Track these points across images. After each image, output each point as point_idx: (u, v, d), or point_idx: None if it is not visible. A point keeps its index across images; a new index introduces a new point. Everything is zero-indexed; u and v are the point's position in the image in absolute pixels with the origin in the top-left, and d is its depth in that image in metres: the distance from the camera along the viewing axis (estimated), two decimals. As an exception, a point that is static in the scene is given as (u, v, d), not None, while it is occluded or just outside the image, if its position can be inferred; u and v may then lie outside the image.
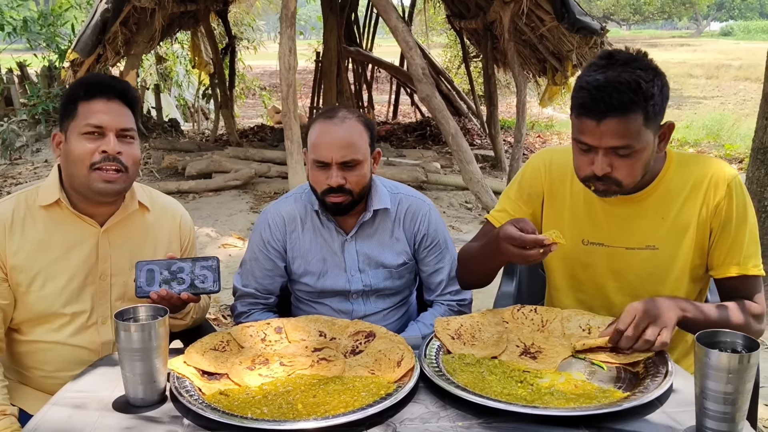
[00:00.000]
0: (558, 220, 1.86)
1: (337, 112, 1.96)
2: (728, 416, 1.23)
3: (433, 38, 15.78)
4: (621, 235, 1.78)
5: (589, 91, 1.56)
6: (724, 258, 1.74)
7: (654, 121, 1.59)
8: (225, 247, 5.35)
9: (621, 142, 1.57)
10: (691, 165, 1.76)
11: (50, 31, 10.24)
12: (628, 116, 1.55)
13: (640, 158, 1.62)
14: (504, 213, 1.93)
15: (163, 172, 7.85)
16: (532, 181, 1.90)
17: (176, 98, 13.33)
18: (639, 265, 1.78)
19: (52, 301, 1.75)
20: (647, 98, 1.55)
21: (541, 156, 1.92)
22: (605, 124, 1.56)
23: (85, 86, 1.75)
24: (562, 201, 1.86)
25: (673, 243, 1.75)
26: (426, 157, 8.36)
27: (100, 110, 1.72)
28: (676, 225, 1.74)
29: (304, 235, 2.06)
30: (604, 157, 1.61)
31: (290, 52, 5.22)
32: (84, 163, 1.70)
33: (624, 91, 1.53)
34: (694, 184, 1.73)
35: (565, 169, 1.84)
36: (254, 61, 14.71)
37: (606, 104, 1.54)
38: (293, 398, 1.40)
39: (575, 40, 6.66)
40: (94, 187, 1.71)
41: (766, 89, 3.69)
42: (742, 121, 11.52)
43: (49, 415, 1.36)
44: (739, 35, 39.31)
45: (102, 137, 1.71)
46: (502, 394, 1.40)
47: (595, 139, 1.59)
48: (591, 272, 1.83)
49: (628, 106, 1.54)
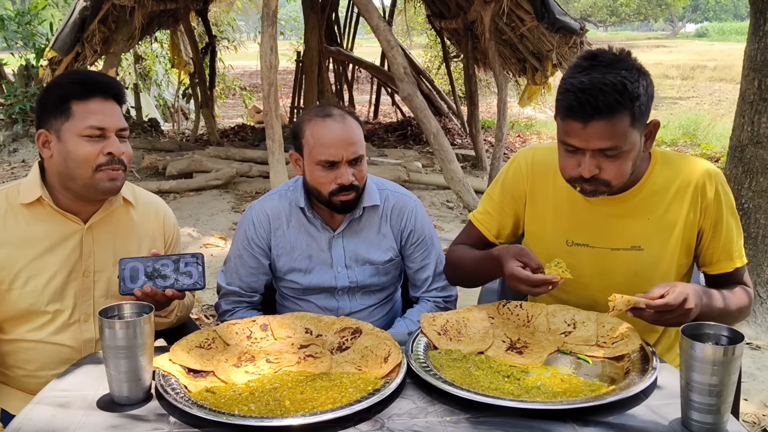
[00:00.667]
0: (541, 220, 1.86)
1: (332, 110, 1.95)
2: (713, 408, 1.24)
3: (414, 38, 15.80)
4: (606, 236, 1.79)
5: (575, 94, 1.55)
6: (719, 255, 1.77)
7: (640, 121, 1.60)
8: (207, 247, 5.32)
9: (608, 144, 1.57)
10: (676, 165, 1.77)
11: (27, 30, 10.10)
12: (614, 118, 1.54)
13: (627, 159, 1.62)
14: (487, 215, 1.94)
15: (143, 172, 7.78)
16: (514, 181, 1.90)
17: (155, 98, 13.22)
18: (625, 266, 1.78)
19: (34, 298, 1.73)
20: (633, 99, 1.55)
21: (524, 155, 1.92)
22: (592, 126, 1.55)
23: (80, 85, 1.70)
24: (545, 201, 1.86)
25: (659, 243, 1.76)
26: (407, 156, 8.37)
27: (99, 111, 1.69)
28: (662, 225, 1.75)
29: (289, 232, 2.05)
30: (591, 159, 1.60)
31: (271, 51, 5.19)
32: (89, 165, 1.68)
33: (610, 93, 1.52)
34: (681, 185, 1.75)
35: (548, 168, 1.84)
36: (235, 61, 14.62)
37: (592, 107, 1.53)
38: (280, 395, 1.39)
39: (555, 39, 6.70)
40: (100, 187, 1.70)
41: (743, 89, 3.74)
42: (717, 121, 11.67)
43: (32, 414, 1.34)
44: (713, 37, 39.81)
45: (104, 139, 1.70)
46: (489, 389, 1.41)
47: (581, 142, 1.59)
48: (576, 273, 1.82)
49: (615, 108, 1.53)
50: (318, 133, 1.91)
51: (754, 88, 3.63)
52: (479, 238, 1.96)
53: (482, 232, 1.95)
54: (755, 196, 3.65)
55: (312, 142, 1.92)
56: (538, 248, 1.87)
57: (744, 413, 2.90)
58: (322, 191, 1.93)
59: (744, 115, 3.70)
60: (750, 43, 3.67)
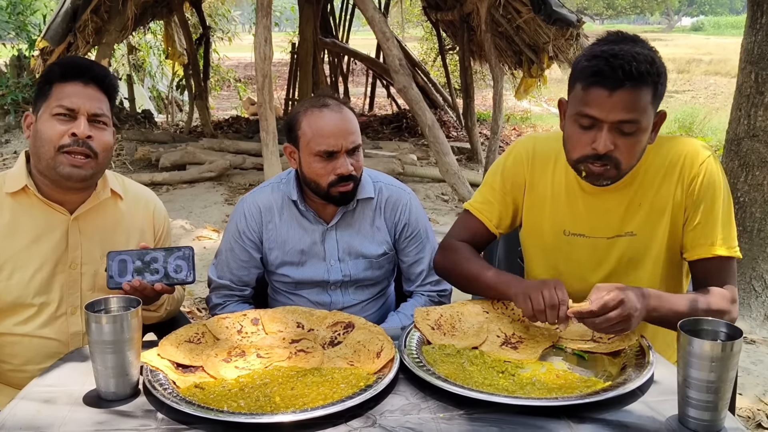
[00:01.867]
0: (539, 209, 1.84)
1: (327, 100, 1.92)
2: (711, 405, 1.22)
3: (409, 31, 15.74)
4: (600, 225, 1.77)
5: (606, 59, 1.52)
6: (698, 239, 1.69)
7: (658, 101, 1.58)
8: (200, 240, 5.28)
9: (630, 116, 1.54)
10: (666, 147, 1.74)
11: (19, 20, 10.03)
12: (641, 89, 1.52)
13: (641, 139, 1.59)
14: (487, 204, 1.88)
15: (136, 164, 7.73)
16: (514, 170, 1.86)
17: (149, 89, 13.15)
18: (620, 253, 1.76)
19: (20, 291, 1.70)
20: (659, 74, 1.54)
21: (524, 144, 1.88)
22: (618, 94, 1.52)
23: (61, 67, 1.70)
24: (544, 191, 1.83)
25: (650, 226, 1.73)
26: (402, 149, 8.33)
27: (74, 93, 1.67)
28: (653, 209, 1.73)
29: (281, 225, 2.02)
30: (608, 133, 1.56)
31: (266, 42, 5.15)
32: (52, 144, 1.65)
33: (641, 62, 1.51)
34: (669, 165, 1.71)
35: (548, 157, 1.82)
36: (230, 52, 14.56)
37: (624, 72, 1.50)
38: (270, 391, 1.36)
39: (551, 32, 6.68)
40: (60, 170, 1.66)
41: (739, 82, 3.72)
42: (712, 114, 11.67)
43: (16, 410, 1.31)
44: (709, 30, 39.82)
45: (73, 120, 1.66)
46: (484, 385, 1.38)
47: (603, 112, 1.55)
48: (573, 263, 1.81)
49: (644, 78, 1.51)
50: (316, 124, 1.88)
51: (750, 82, 3.61)
52: (478, 230, 1.89)
53: (483, 222, 1.88)
54: (751, 189, 3.64)
55: (309, 133, 1.88)
56: (537, 238, 1.85)
57: (739, 408, 2.89)
58: (320, 183, 1.90)
59: (740, 108, 3.69)
60: (747, 36, 3.65)
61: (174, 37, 9.76)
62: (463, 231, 1.92)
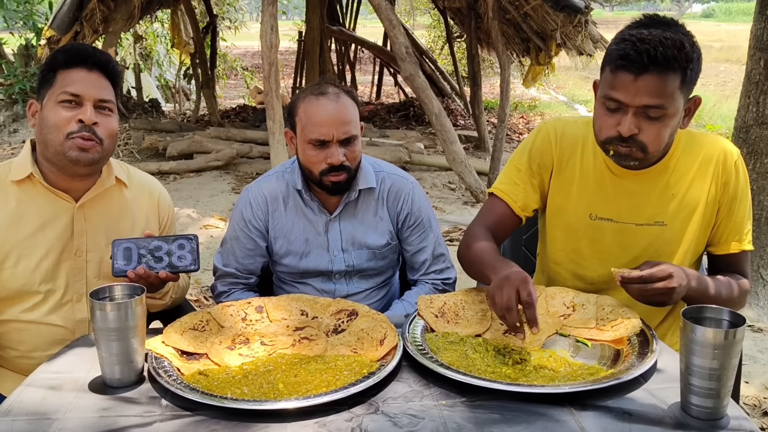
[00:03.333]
0: (566, 192, 1.82)
1: (327, 88, 1.91)
2: (713, 392, 1.22)
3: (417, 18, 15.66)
4: (630, 211, 1.76)
5: (633, 43, 1.51)
6: (728, 235, 1.76)
7: (688, 87, 1.57)
8: (206, 228, 5.30)
9: (655, 101, 1.53)
10: (699, 142, 1.75)
11: (27, 9, 10.03)
12: (667, 74, 1.52)
13: (667, 124, 1.58)
14: (513, 185, 1.85)
15: (143, 153, 7.75)
16: (542, 150, 1.84)
17: (157, 78, 13.15)
18: (647, 241, 1.76)
19: (26, 278, 1.71)
20: (688, 60, 1.52)
21: (553, 125, 1.86)
22: (643, 79, 1.52)
23: (65, 54, 1.70)
24: (572, 173, 1.81)
25: (682, 220, 1.74)
26: (409, 137, 8.31)
27: (79, 79, 1.68)
28: (685, 202, 1.73)
29: (286, 214, 2.02)
30: (633, 117, 1.56)
31: (272, 31, 5.14)
32: (60, 131, 1.66)
33: (668, 47, 1.50)
34: (702, 162, 1.73)
35: (576, 139, 1.80)
36: (237, 40, 14.53)
37: (650, 57, 1.49)
38: (274, 378, 1.37)
39: (559, 19, 6.63)
40: (68, 155, 1.66)
41: (748, 69, 3.68)
42: (722, 102, 11.57)
43: (22, 396, 1.33)
44: (720, 17, 39.48)
45: (79, 107, 1.67)
46: (486, 372, 1.39)
47: (629, 96, 1.54)
48: (597, 247, 1.80)
49: (670, 64, 1.51)
50: (310, 112, 1.87)
51: (759, 68, 3.57)
52: (503, 213, 1.86)
53: (508, 204, 1.84)
54: (759, 177, 3.61)
55: (304, 120, 1.88)
56: (561, 220, 1.84)
57: (745, 396, 2.89)
58: (313, 170, 1.90)
59: (749, 95, 3.65)
60: (756, 23, 3.61)
61: (180, 26, 9.73)
62: (488, 216, 1.88)
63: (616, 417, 1.25)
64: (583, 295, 1.70)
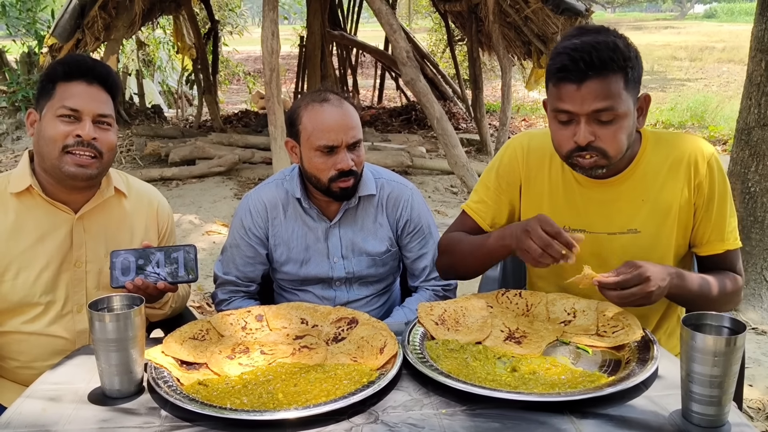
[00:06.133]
0: (537, 207, 1.82)
1: (328, 95, 1.91)
2: (715, 400, 1.21)
3: (418, 22, 15.68)
4: (602, 221, 1.76)
5: (568, 54, 1.53)
6: (710, 235, 1.74)
7: (633, 86, 1.58)
8: (209, 234, 5.30)
9: (603, 104, 1.54)
10: (667, 143, 1.74)
11: (29, 17, 10.06)
12: (608, 76, 1.53)
13: (622, 126, 1.58)
14: (482, 204, 1.89)
15: (145, 159, 7.76)
16: (509, 168, 1.86)
17: (159, 84, 13.18)
18: (622, 250, 1.75)
19: (26, 290, 1.71)
20: (625, 59, 1.54)
21: (519, 140, 1.88)
22: (586, 86, 1.53)
23: (65, 66, 1.70)
24: (541, 187, 1.82)
25: (655, 225, 1.73)
26: (411, 141, 8.31)
27: (78, 93, 1.68)
28: (657, 206, 1.72)
29: (286, 222, 2.02)
30: (586, 125, 1.57)
31: (273, 36, 5.15)
32: (56, 144, 1.66)
33: (602, 50, 1.52)
34: (673, 164, 1.71)
35: (544, 153, 1.81)
36: (239, 45, 14.56)
37: (586, 63, 1.51)
38: (274, 387, 1.37)
39: (560, 21, 6.63)
40: (65, 170, 1.67)
41: (750, 70, 3.68)
42: (725, 103, 11.56)
43: (22, 408, 1.33)
44: (722, 17, 39.38)
45: (77, 121, 1.67)
46: (486, 380, 1.38)
47: (576, 105, 1.56)
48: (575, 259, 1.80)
49: (608, 65, 1.52)
50: (316, 119, 1.87)
51: (761, 70, 3.57)
52: (473, 230, 1.90)
53: (477, 222, 1.89)
54: (762, 179, 3.60)
55: (310, 127, 1.88)
56: None
57: (749, 399, 2.88)
58: (321, 178, 1.90)
59: (751, 97, 3.65)
60: (757, 24, 3.61)
61: (183, 31, 9.77)
62: (461, 229, 1.92)
63: (616, 424, 1.24)
64: (584, 300, 1.69)
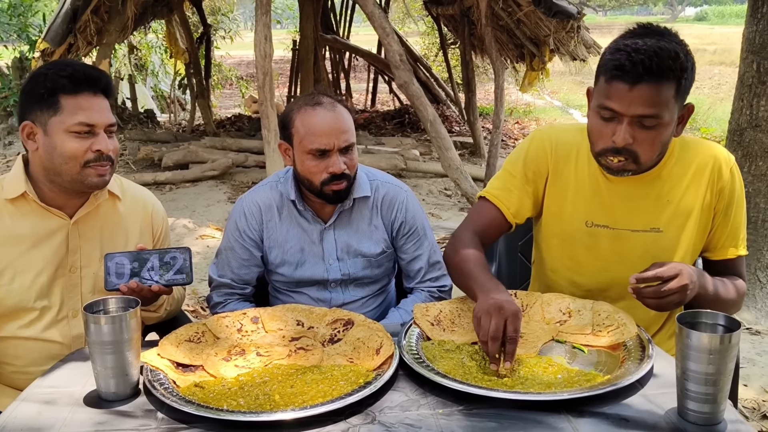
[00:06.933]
0: (561, 200, 1.82)
1: (321, 98, 1.91)
2: (710, 397, 1.22)
3: (411, 26, 15.70)
4: (625, 217, 1.76)
5: (628, 53, 1.51)
6: (725, 240, 1.77)
7: (682, 96, 1.57)
8: (203, 238, 5.29)
9: (650, 111, 1.53)
10: (693, 148, 1.75)
11: (21, 22, 10.04)
12: (662, 84, 1.52)
13: (662, 133, 1.58)
14: (506, 191, 1.83)
15: (139, 164, 7.75)
16: (537, 158, 1.83)
17: (152, 88, 13.15)
18: (644, 248, 1.75)
19: (21, 295, 1.71)
20: (683, 69, 1.53)
21: (547, 132, 1.86)
22: (639, 89, 1.52)
23: (69, 78, 1.65)
24: (567, 181, 1.81)
25: (677, 226, 1.74)
26: (405, 144, 8.32)
27: (89, 107, 1.66)
28: (680, 208, 1.74)
29: (281, 224, 2.02)
30: (628, 126, 1.56)
31: (266, 40, 5.15)
32: (77, 161, 1.66)
33: (663, 57, 1.50)
34: (697, 168, 1.73)
35: (570, 147, 1.80)
36: (232, 50, 14.54)
37: (645, 67, 1.50)
38: (270, 389, 1.37)
39: (552, 24, 6.65)
40: (88, 182, 1.68)
41: (741, 72, 3.70)
42: (717, 105, 11.61)
43: (17, 411, 1.32)
44: (713, 20, 39.61)
45: (93, 135, 1.67)
46: (483, 380, 1.38)
47: (623, 105, 1.54)
48: (593, 254, 1.79)
49: (665, 74, 1.51)
50: (308, 122, 1.88)
51: (752, 71, 3.59)
52: (494, 218, 1.83)
53: (500, 210, 1.82)
54: (755, 180, 3.62)
55: (302, 131, 1.88)
56: (557, 228, 1.84)
57: (744, 399, 2.89)
58: (313, 181, 1.90)
59: (743, 98, 3.67)
60: (748, 26, 3.63)
61: (176, 35, 9.75)
62: (478, 219, 1.85)
63: (612, 423, 1.25)
64: (579, 301, 1.70)
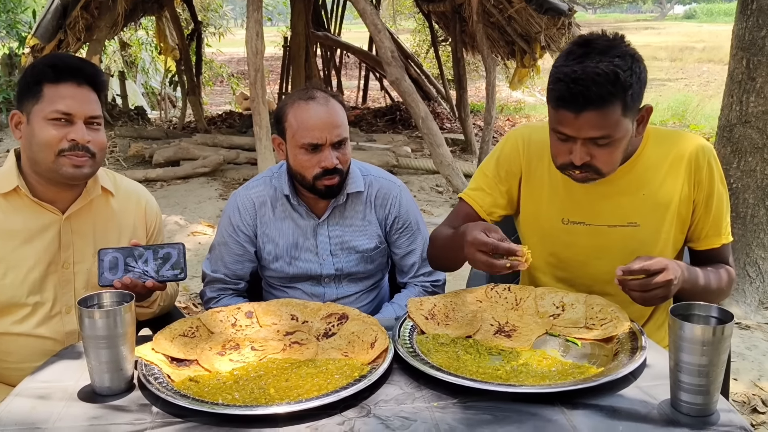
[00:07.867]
0: (536, 198, 1.84)
1: (315, 93, 1.91)
2: (703, 389, 1.23)
3: (402, 23, 15.70)
4: (602, 213, 1.77)
5: (566, 84, 1.52)
6: (708, 230, 1.77)
7: (632, 109, 1.58)
8: (194, 235, 5.28)
9: (600, 133, 1.55)
10: (669, 140, 1.76)
11: (10, 18, 9.97)
12: (606, 108, 1.52)
13: (618, 147, 1.60)
14: (480, 191, 1.89)
15: (129, 161, 7.72)
16: (510, 158, 1.86)
17: (143, 85, 13.09)
18: (622, 243, 1.77)
19: (14, 290, 1.70)
20: (625, 89, 1.52)
21: (520, 132, 1.88)
22: (583, 116, 1.53)
23: (52, 67, 1.66)
24: (541, 179, 1.83)
25: (655, 219, 1.75)
26: (396, 141, 8.33)
27: (69, 96, 1.65)
28: (657, 201, 1.74)
29: (275, 219, 2.02)
30: (582, 146, 1.58)
31: (257, 36, 5.14)
32: (51, 149, 1.64)
33: (602, 83, 1.49)
34: (674, 160, 1.74)
35: (543, 146, 1.81)
36: (222, 47, 14.50)
37: (584, 97, 1.51)
38: (265, 383, 1.37)
39: (543, 21, 6.67)
40: (62, 172, 1.66)
41: (731, 68, 3.72)
42: (705, 102, 11.69)
43: (11, 406, 1.32)
44: (702, 18, 39.76)
45: (70, 124, 1.65)
46: (477, 374, 1.39)
47: (573, 130, 1.57)
48: (573, 251, 1.81)
49: (606, 99, 1.51)
50: (301, 116, 1.88)
51: (742, 68, 3.61)
52: (469, 216, 1.89)
53: (474, 208, 1.88)
54: (744, 175, 3.65)
55: (295, 125, 1.88)
56: (535, 227, 1.86)
57: (734, 393, 2.91)
58: (305, 175, 1.90)
59: (732, 94, 3.69)
60: (738, 22, 3.65)
61: (166, 32, 9.71)
62: (455, 218, 1.91)
63: (606, 414, 1.25)
64: (573, 294, 1.70)
